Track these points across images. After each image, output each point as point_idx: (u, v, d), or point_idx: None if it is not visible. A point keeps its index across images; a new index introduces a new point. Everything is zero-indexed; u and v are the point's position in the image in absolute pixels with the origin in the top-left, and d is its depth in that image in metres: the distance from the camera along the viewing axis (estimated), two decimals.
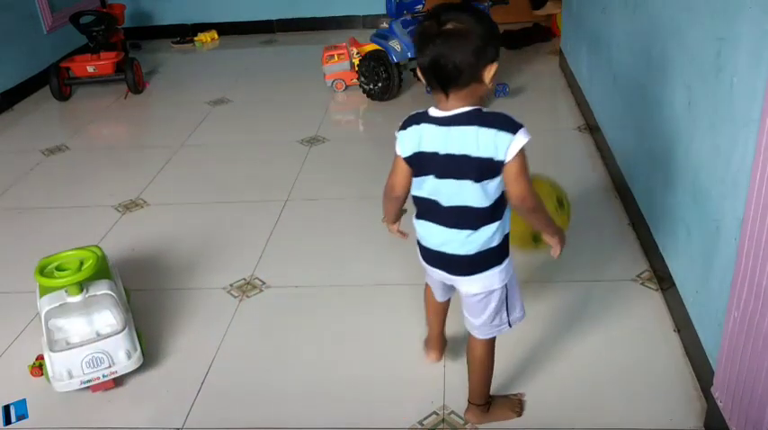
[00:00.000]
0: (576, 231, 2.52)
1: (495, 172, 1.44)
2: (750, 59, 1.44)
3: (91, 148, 3.73)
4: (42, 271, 1.85)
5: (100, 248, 1.97)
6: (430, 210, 1.53)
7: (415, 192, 1.56)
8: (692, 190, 1.83)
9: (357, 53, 4.14)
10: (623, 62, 2.66)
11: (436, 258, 1.58)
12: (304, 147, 3.45)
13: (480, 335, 1.66)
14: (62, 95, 4.37)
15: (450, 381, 1.86)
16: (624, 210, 2.60)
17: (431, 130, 1.46)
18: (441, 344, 1.94)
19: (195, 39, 5.61)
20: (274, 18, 5.74)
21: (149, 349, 2.04)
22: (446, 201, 1.49)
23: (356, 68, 4.06)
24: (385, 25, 4.12)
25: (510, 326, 1.67)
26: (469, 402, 1.74)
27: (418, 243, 1.62)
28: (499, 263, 1.55)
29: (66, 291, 1.85)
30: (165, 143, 3.64)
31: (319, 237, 2.64)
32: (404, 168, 1.54)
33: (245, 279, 2.39)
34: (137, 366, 1.91)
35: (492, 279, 1.55)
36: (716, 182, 1.65)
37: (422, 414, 1.77)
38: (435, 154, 1.46)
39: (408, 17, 3.92)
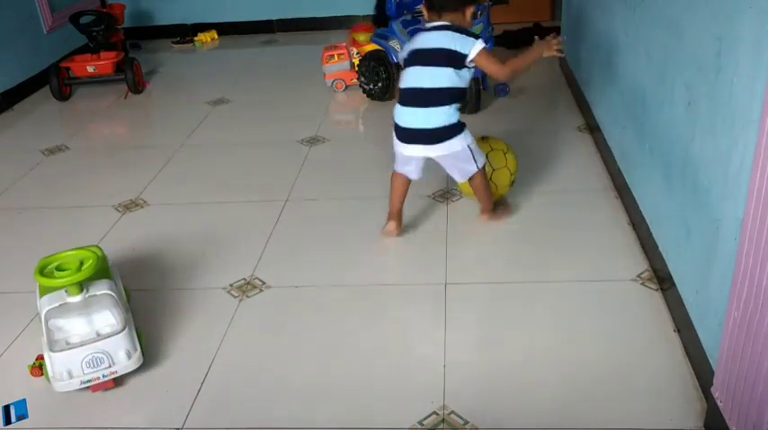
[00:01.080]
0: (576, 231, 2.53)
1: (461, 61, 2.21)
2: (750, 59, 1.44)
3: (91, 148, 3.73)
4: (42, 271, 1.85)
5: (100, 248, 1.97)
6: (408, 96, 2.29)
7: (402, 85, 2.30)
8: (692, 190, 1.83)
9: (357, 53, 4.14)
10: (623, 62, 2.66)
11: (416, 135, 2.30)
12: (304, 147, 3.45)
13: (462, 179, 2.46)
14: (62, 95, 4.37)
15: (450, 381, 1.86)
16: (624, 210, 2.60)
17: (423, 35, 2.29)
18: (400, 219, 2.56)
19: (195, 39, 5.61)
20: (274, 18, 5.74)
21: (149, 349, 2.04)
22: (428, 83, 2.24)
23: (356, 68, 4.06)
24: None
25: (478, 168, 2.41)
26: (484, 212, 2.55)
27: (398, 129, 2.33)
28: (459, 133, 2.31)
29: (66, 291, 1.85)
30: (165, 143, 3.64)
31: (319, 237, 2.64)
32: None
33: (245, 279, 2.39)
34: (137, 366, 1.92)
35: (453, 143, 2.30)
36: (716, 182, 1.65)
37: (422, 414, 1.77)
38: (422, 49, 2.26)
39: (408, 17, 3.92)
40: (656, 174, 2.20)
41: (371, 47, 4.00)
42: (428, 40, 2.26)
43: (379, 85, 3.90)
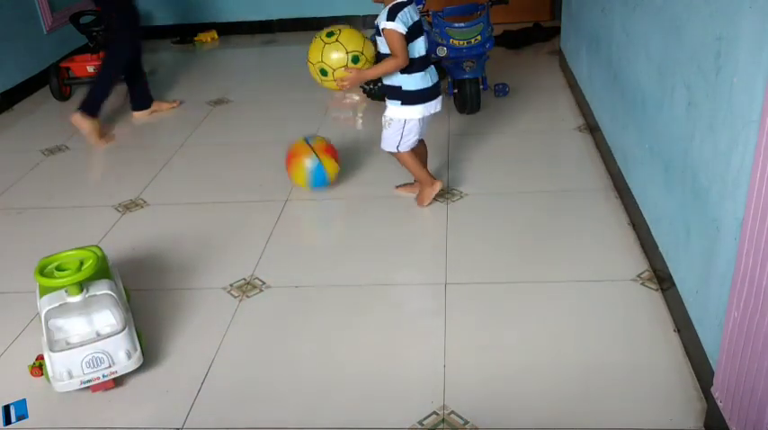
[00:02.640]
0: (576, 231, 2.53)
1: None
2: (750, 59, 1.44)
3: (91, 148, 3.73)
4: (42, 271, 1.85)
5: (100, 248, 1.97)
6: (425, 61, 2.53)
7: (415, 54, 2.48)
8: (692, 190, 1.83)
9: None
10: (623, 62, 2.66)
11: (435, 90, 2.57)
12: None
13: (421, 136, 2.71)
14: (62, 95, 4.38)
15: (450, 381, 1.86)
16: (624, 210, 2.60)
17: (409, 8, 2.43)
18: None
19: (195, 39, 5.61)
20: (274, 18, 5.74)
21: (149, 349, 2.04)
22: (425, 48, 2.52)
23: None
24: None
25: None
26: (433, 179, 2.71)
27: (425, 91, 2.53)
28: None
29: (66, 291, 1.85)
30: (165, 143, 3.64)
31: (319, 237, 2.64)
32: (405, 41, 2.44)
33: (245, 279, 2.39)
34: (137, 366, 1.92)
35: None
36: (716, 182, 1.65)
37: (422, 414, 1.77)
38: (417, 21, 2.46)
39: None
40: (655, 175, 2.20)
41: None
42: (413, 12, 2.47)
43: (379, 84, 3.90)
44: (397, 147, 2.61)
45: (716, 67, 1.64)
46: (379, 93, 3.92)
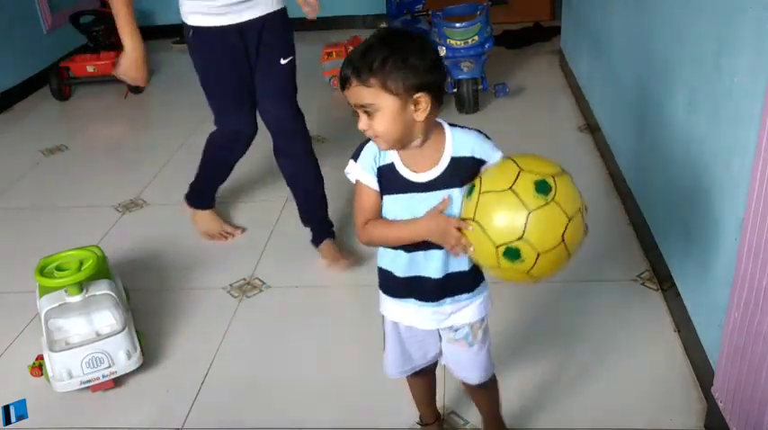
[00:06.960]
0: None
1: None
2: (750, 59, 1.44)
3: (91, 148, 3.73)
4: (42, 271, 1.85)
5: (100, 248, 1.98)
6: None
7: None
8: (692, 190, 1.83)
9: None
10: (623, 62, 2.66)
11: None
12: None
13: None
14: (62, 95, 4.38)
15: (451, 382, 1.86)
16: (624, 210, 2.60)
17: None
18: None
19: None
20: None
21: (149, 349, 2.04)
22: None
23: None
24: (385, 25, 4.12)
25: None
26: None
27: None
28: None
29: (65, 291, 1.85)
30: (165, 143, 3.63)
31: None
32: None
33: (245, 279, 2.39)
34: (137, 366, 1.92)
35: None
36: (716, 182, 1.65)
37: None
38: None
39: (408, 17, 3.92)
40: (656, 174, 2.20)
41: None
42: None
43: None
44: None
45: (716, 66, 1.64)
46: None
